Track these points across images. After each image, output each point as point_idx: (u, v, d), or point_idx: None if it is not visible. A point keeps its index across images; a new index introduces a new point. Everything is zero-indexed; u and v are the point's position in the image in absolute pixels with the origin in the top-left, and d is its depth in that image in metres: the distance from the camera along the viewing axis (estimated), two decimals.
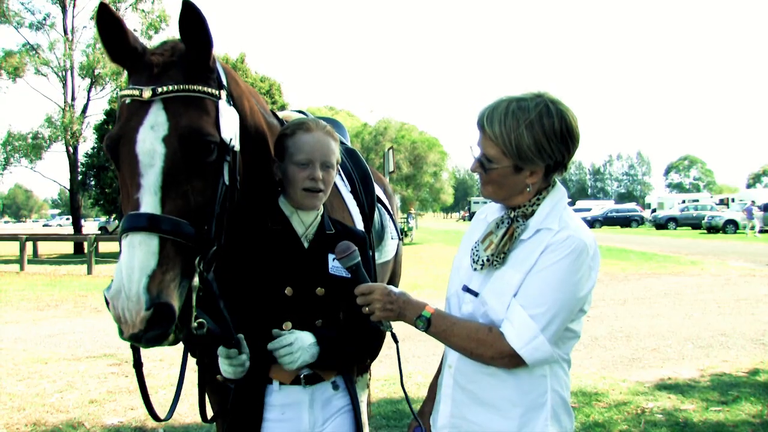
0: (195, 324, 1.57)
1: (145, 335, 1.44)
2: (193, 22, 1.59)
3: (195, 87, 1.63)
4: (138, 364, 1.72)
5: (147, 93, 1.59)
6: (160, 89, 1.59)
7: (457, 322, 1.70)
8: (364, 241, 2.03)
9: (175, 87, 1.60)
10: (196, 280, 1.57)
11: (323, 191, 1.88)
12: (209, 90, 1.66)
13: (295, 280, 1.84)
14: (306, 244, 1.91)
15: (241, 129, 1.78)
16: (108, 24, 1.62)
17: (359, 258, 1.79)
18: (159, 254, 1.48)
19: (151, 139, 1.56)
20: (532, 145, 1.63)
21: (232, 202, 1.71)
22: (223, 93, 1.70)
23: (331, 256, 1.91)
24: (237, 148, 1.72)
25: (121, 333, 1.48)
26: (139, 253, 1.46)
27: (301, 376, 1.84)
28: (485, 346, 1.64)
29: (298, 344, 1.77)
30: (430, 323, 1.69)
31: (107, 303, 1.49)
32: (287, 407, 1.83)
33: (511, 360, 1.62)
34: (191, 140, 1.59)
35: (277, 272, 1.84)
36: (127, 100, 1.62)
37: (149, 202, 1.52)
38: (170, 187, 1.56)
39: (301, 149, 1.85)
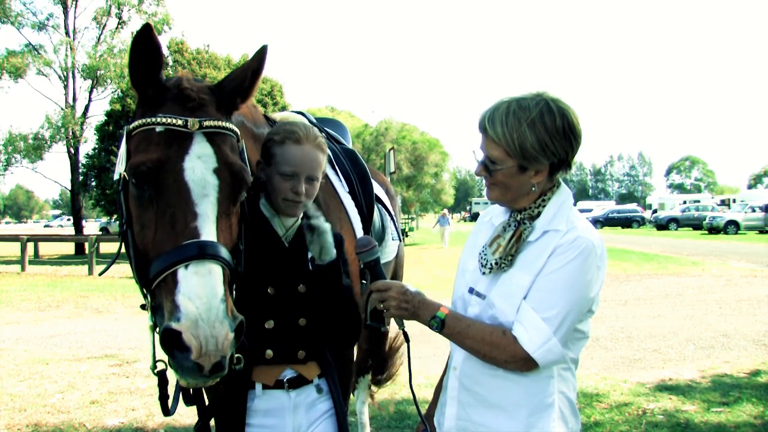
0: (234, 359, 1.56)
1: (225, 362, 1.42)
2: (260, 63, 1.71)
3: (227, 125, 1.66)
4: (167, 414, 1.69)
5: (193, 124, 1.58)
6: (205, 122, 1.60)
7: (472, 325, 1.69)
8: (341, 241, 2.01)
9: (216, 123, 1.62)
10: None
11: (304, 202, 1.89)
12: (235, 129, 1.70)
13: (277, 279, 1.84)
14: (287, 244, 1.91)
15: None
16: (146, 46, 1.58)
17: (379, 254, 1.81)
18: (224, 281, 1.48)
19: (201, 169, 1.55)
20: (535, 143, 1.62)
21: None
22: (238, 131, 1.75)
23: (310, 254, 1.90)
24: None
25: (198, 370, 1.40)
26: (211, 281, 1.44)
27: (284, 379, 1.83)
28: (499, 350, 1.63)
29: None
30: (444, 324, 1.69)
31: (167, 338, 1.40)
32: (270, 412, 1.81)
33: (525, 363, 1.62)
34: (239, 175, 1.62)
35: (259, 272, 1.83)
36: (158, 128, 1.57)
37: (209, 231, 1.51)
38: (220, 219, 1.57)
39: (289, 161, 1.82)
